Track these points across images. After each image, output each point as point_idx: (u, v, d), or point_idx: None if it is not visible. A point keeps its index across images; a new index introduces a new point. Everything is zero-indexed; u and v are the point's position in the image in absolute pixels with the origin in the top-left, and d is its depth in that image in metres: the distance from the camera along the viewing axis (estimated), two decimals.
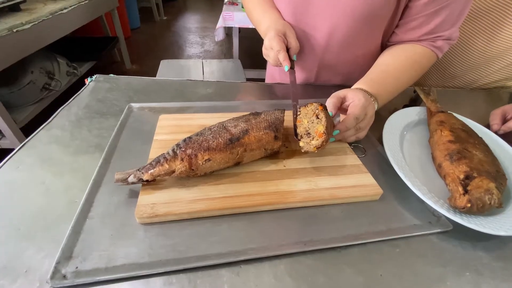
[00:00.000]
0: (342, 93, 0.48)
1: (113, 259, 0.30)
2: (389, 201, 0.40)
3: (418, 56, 0.55)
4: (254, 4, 0.66)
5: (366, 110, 0.46)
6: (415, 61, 0.55)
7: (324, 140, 0.39)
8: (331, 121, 0.45)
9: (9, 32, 1.18)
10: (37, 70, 1.52)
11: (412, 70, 0.55)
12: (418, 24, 0.53)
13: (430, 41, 0.55)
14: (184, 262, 0.30)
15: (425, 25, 0.53)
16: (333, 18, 0.55)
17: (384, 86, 0.52)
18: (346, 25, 0.55)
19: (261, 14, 0.63)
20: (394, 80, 0.54)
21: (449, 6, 0.50)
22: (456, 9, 0.51)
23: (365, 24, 0.55)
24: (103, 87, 0.63)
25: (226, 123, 0.42)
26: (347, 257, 0.33)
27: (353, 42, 0.59)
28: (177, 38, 3.44)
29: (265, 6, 0.63)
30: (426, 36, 0.54)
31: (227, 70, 1.62)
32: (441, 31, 0.53)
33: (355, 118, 0.45)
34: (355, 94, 0.46)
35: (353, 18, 0.54)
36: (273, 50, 0.54)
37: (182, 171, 0.36)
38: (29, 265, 0.29)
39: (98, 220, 0.34)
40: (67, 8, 1.57)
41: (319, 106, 0.42)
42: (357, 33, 0.57)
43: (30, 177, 0.40)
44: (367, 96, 0.47)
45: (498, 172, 0.39)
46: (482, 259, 0.34)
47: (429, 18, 0.52)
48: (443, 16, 0.51)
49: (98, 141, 0.47)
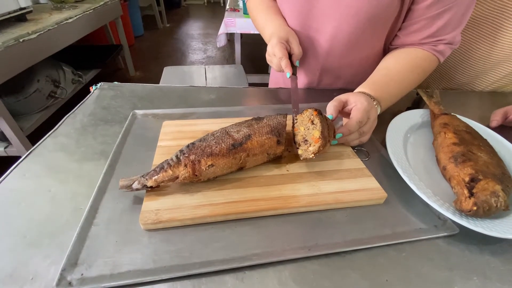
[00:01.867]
0: (344, 97, 0.48)
1: (118, 266, 0.30)
2: (393, 204, 0.40)
3: (420, 60, 0.55)
4: (258, 11, 0.67)
5: (369, 114, 0.46)
6: (417, 65, 0.55)
7: (321, 145, 0.39)
8: (332, 125, 0.45)
9: (16, 42, 1.20)
10: (43, 78, 1.54)
11: (414, 73, 0.55)
12: (419, 27, 0.54)
13: (431, 45, 0.55)
14: (188, 268, 0.30)
15: (427, 28, 0.53)
16: (336, 19, 0.56)
17: (387, 89, 0.52)
18: (349, 27, 0.56)
19: (265, 21, 0.64)
20: (397, 84, 0.54)
21: (451, 10, 0.50)
22: (458, 13, 0.51)
23: (368, 26, 0.55)
24: (108, 94, 0.64)
25: (229, 128, 0.42)
26: (352, 262, 0.32)
27: (356, 45, 0.60)
28: (180, 45, 3.48)
29: (269, 13, 0.64)
30: (427, 39, 0.54)
31: (229, 76, 1.63)
32: (443, 35, 0.53)
33: (357, 122, 0.45)
34: (357, 98, 0.46)
35: (357, 19, 0.54)
36: (276, 57, 0.54)
37: (186, 177, 0.37)
38: (35, 272, 0.30)
39: (103, 226, 0.34)
40: (73, 17, 1.60)
41: (313, 111, 0.42)
42: (360, 35, 0.57)
43: (37, 184, 0.40)
44: (370, 99, 0.47)
45: (504, 174, 0.39)
46: (490, 263, 0.33)
47: (431, 21, 0.52)
48: (445, 20, 0.51)
49: (103, 148, 0.47)
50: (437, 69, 0.79)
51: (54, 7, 1.70)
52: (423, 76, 0.56)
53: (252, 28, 1.96)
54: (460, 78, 0.77)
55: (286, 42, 0.57)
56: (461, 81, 0.78)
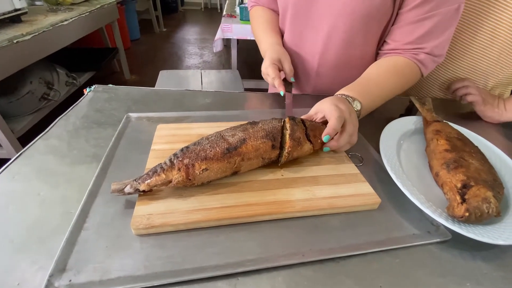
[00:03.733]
0: (312, 110, 0.50)
1: (108, 272, 0.29)
2: (387, 210, 0.40)
3: (400, 66, 0.57)
4: (258, 23, 0.72)
5: (342, 111, 0.45)
6: (397, 69, 0.57)
7: (289, 145, 0.42)
8: (316, 126, 0.47)
9: (9, 43, 1.19)
10: (36, 80, 1.52)
11: (395, 77, 0.57)
12: (402, 32, 0.56)
13: (412, 53, 0.57)
14: (180, 274, 0.29)
15: (409, 34, 0.55)
16: (333, 18, 0.58)
17: (365, 89, 0.54)
18: (345, 25, 0.58)
19: (262, 36, 0.69)
20: (377, 86, 0.55)
21: (432, 18, 0.52)
22: (440, 24, 0.53)
23: (363, 25, 0.57)
24: (102, 97, 0.63)
25: (224, 132, 0.42)
26: (347, 268, 0.32)
27: (351, 45, 0.61)
28: (176, 49, 3.49)
29: (267, 29, 0.69)
30: (409, 45, 0.56)
31: (225, 80, 1.64)
32: (423, 43, 0.55)
33: (336, 118, 0.44)
34: (320, 104, 0.48)
35: (352, 17, 0.56)
36: (270, 77, 0.59)
37: (179, 181, 0.36)
38: (22, 278, 0.29)
39: (93, 231, 0.33)
40: (68, 20, 1.59)
41: (286, 119, 0.45)
42: (355, 35, 0.59)
43: (26, 187, 0.39)
44: (334, 98, 0.48)
45: (495, 181, 0.39)
46: (482, 269, 0.33)
47: (413, 27, 0.54)
48: (426, 28, 0.53)
49: (95, 151, 0.47)
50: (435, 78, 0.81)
51: (49, 9, 1.69)
52: (405, 81, 0.58)
53: (249, 34, 1.97)
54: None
55: (278, 62, 0.61)
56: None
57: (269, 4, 0.73)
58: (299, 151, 0.43)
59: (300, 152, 0.44)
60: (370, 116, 0.55)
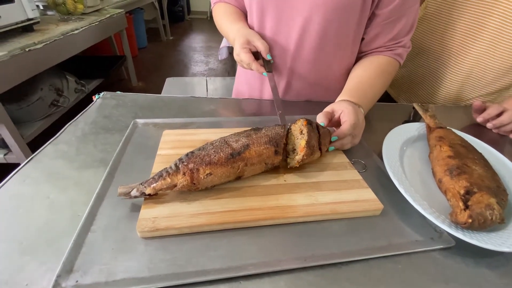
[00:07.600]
0: (329, 107, 0.52)
1: (113, 273, 0.30)
2: (390, 216, 0.40)
3: (384, 65, 0.62)
4: (221, 17, 0.69)
5: (358, 116, 0.49)
6: (382, 70, 0.61)
7: (305, 154, 0.42)
8: (327, 133, 0.48)
9: (22, 51, 1.23)
10: (47, 87, 1.56)
11: (382, 78, 0.61)
12: (383, 30, 0.60)
13: (391, 50, 0.61)
14: (183, 277, 0.30)
15: (389, 32, 0.60)
16: (306, 10, 0.57)
17: (364, 94, 0.57)
18: (319, 18, 0.56)
19: (227, 26, 0.67)
20: (370, 88, 0.59)
21: (405, 15, 0.58)
22: (410, 18, 0.59)
23: (336, 18, 0.56)
24: (110, 103, 0.65)
25: (228, 138, 0.43)
26: (348, 273, 0.32)
27: (326, 40, 0.60)
28: (182, 57, 3.55)
29: (230, 18, 0.67)
30: (389, 42, 0.61)
31: (230, 87, 1.65)
32: (401, 37, 0.61)
33: (351, 124, 0.48)
34: (342, 104, 0.51)
35: (325, 9, 0.55)
36: (244, 63, 0.58)
37: (184, 185, 0.37)
38: (30, 279, 0.30)
39: (100, 233, 0.34)
40: (79, 29, 1.64)
41: (304, 121, 0.45)
42: (329, 28, 0.58)
43: (36, 191, 0.41)
44: (353, 104, 0.51)
45: (499, 188, 0.39)
46: (486, 276, 0.33)
47: (392, 25, 0.59)
48: (402, 24, 0.59)
49: (103, 156, 0.48)
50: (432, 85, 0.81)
51: (61, 18, 1.74)
52: (390, 79, 0.63)
53: None
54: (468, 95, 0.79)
55: (248, 44, 0.59)
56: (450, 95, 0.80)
57: (233, 0, 0.70)
58: (310, 158, 0.44)
59: (309, 160, 0.44)
60: (374, 123, 0.56)
